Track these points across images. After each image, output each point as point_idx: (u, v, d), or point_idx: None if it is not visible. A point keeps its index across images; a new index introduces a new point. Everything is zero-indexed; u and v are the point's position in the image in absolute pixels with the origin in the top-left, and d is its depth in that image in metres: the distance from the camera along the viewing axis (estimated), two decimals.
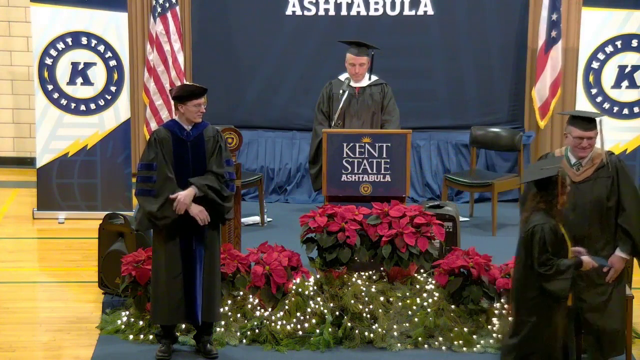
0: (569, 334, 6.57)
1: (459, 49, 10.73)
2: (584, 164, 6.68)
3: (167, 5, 10.06)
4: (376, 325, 7.55)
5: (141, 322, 7.61)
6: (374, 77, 9.28)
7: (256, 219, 9.85)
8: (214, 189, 7.12)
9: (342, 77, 9.34)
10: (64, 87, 10.04)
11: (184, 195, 7.06)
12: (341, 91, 9.24)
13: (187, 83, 7.15)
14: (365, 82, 9.29)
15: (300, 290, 7.64)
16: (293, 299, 7.62)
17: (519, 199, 7.03)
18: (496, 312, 7.59)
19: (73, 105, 10.07)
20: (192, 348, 7.43)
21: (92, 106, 10.08)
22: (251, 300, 7.65)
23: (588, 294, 6.67)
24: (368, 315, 7.58)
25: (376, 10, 10.65)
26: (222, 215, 7.22)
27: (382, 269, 7.85)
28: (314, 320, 7.56)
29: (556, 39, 10.20)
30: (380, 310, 7.59)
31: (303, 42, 10.74)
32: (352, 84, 9.27)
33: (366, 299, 7.62)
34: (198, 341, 7.39)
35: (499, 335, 7.47)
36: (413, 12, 10.65)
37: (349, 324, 7.53)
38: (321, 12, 10.67)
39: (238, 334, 7.54)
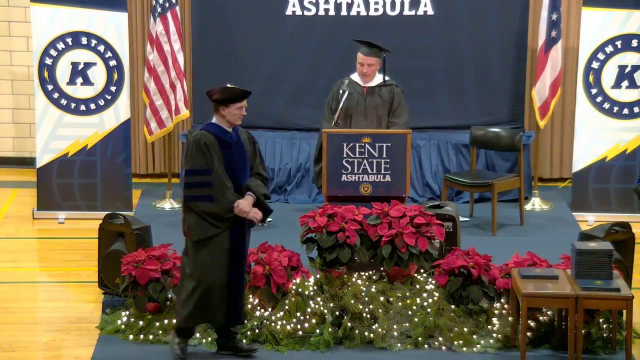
0: None
1: (459, 49, 10.71)
2: None
3: (167, 5, 10.05)
4: (376, 325, 7.55)
5: (141, 322, 7.61)
6: (385, 78, 9.28)
7: None
8: (266, 195, 7.26)
9: (354, 76, 9.34)
10: (64, 87, 10.04)
11: (245, 205, 7.10)
12: (341, 91, 9.24)
13: (229, 85, 7.16)
14: (375, 82, 9.29)
15: (300, 290, 7.64)
16: (293, 299, 7.62)
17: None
18: (496, 312, 7.60)
19: (73, 105, 10.07)
20: (196, 349, 7.42)
21: (92, 106, 10.08)
22: (251, 300, 7.65)
23: None
24: (368, 315, 7.58)
25: (376, 10, 10.63)
26: (267, 215, 7.32)
27: (382, 269, 7.85)
28: (314, 320, 7.56)
29: (556, 39, 10.18)
30: (380, 310, 7.59)
31: (303, 42, 10.72)
32: (361, 83, 9.27)
33: (366, 299, 7.62)
34: (228, 340, 7.35)
35: (499, 335, 7.49)
36: (413, 12, 10.64)
37: (349, 324, 7.53)
38: (321, 12, 10.66)
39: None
